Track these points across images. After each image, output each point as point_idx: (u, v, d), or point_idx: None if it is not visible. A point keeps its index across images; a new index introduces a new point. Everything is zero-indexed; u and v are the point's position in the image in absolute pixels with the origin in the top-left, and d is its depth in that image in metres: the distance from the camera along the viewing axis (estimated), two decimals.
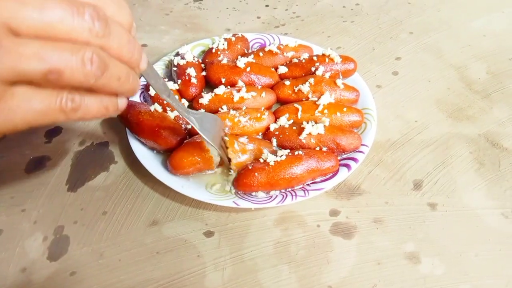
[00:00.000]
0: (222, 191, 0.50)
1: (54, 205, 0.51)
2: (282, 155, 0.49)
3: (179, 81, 0.60)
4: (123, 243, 0.47)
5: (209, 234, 0.48)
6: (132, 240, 0.48)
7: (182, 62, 0.61)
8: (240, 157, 0.50)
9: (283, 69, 0.63)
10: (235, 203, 0.48)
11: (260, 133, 0.56)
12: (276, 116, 0.57)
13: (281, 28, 0.81)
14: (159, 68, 0.65)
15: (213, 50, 0.65)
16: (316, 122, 0.55)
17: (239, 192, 0.49)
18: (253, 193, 0.48)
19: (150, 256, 0.46)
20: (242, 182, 0.47)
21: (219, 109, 0.57)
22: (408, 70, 0.71)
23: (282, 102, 0.61)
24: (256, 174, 0.47)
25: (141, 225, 0.49)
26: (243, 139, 0.51)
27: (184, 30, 0.79)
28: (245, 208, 0.50)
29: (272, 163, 0.48)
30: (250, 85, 0.60)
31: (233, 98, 0.57)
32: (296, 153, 0.49)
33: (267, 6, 0.87)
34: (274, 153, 0.50)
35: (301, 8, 0.86)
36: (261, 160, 0.49)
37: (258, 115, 0.55)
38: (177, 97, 0.55)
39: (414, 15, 0.83)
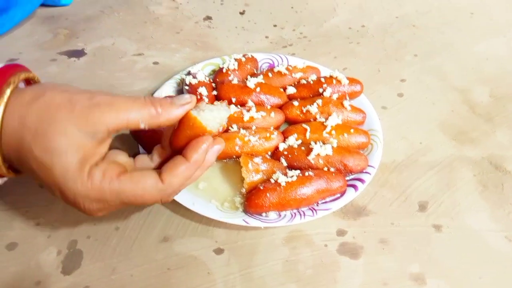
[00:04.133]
0: (232, 208, 0.52)
1: (67, 219, 0.52)
2: (293, 176, 0.50)
3: None
4: (135, 259, 0.48)
5: (219, 251, 0.49)
6: (144, 256, 0.49)
7: (194, 81, 0.63)
8: (253, 176, 0.51)
9: (291, 90, 0.65)
10: (245, 221, 0.49)
11: (269, 152, 0.57)
12: (285, 136, 0.58)
13: (289, 48, 0.83)
14: (171, 86, 0.67)
15: (224, 70, 0.66)
16: (324, 143, 0.56)
17: (249, 211, 0.50)
18: (264, 214, 0.50)
19: (161, 273, 0.47)
20: (254, 202, 0.48)
21: (229, 128, 0.59)
22: (412, 92, 0.73)
23: (290, 122, 0.62)
24: (267, 194, 0.48)
25: (152, 241, 0.50)
26: (257, 160, 0.53)
27: (194, 48, 0.81)
28: (255, 226, 0.51)
29: (283, 183, 0.49)
30: (259, 105, 0.62)
31: (243, 117, 0.59)
32: (306, 173, 0.51)
33: (275, 26, 0.89)
34: (286, 174, 0.52)
35: (308, 29, 0.88)
36: (272, 181, 0.50)
37: (268, 134, 0.57)
38: None
39: (419, 38, 0.85)
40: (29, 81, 0.41)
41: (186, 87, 0.64)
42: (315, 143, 0.56)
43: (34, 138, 0.34)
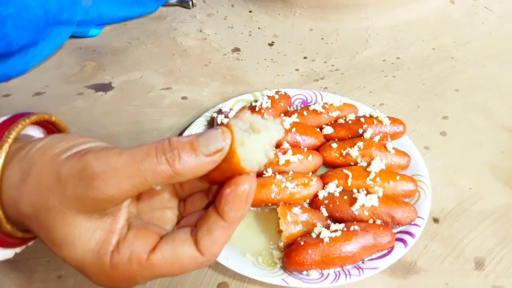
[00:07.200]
0: (269, 264, 0.47)
1: None
2: (337, 230, 0.46)
3: None
4: None
5: None
6: None
7: (225, 121, 0.60)
8: (292, 229, 0.47)
9: (328, 130, 0.61)
10: (285, 281, 0.44)
11: (308, 200, 0.53)
12: (324, 182, 0.54)
13: (321, 81, 0.79)
14: (201, 124, 0.64)
15: (257, 108, 0.63)
16: (367, 191, 0.52)
17: (289, 269, 0.45)
18: (304, 272, 0.45)
19: None
20: (294, 260, 0.44)
21: (264, 172, 0.55)
22: (457, 131, 0.68)
23: (328, 165, 0.58)
24: (309, 251, 0.44)
25: None
26: (296, 210, 0.48)
27: (223, 82, 0.78)
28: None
29: (326, 239, 0.44)
30: (294, 146, 0.58)
31: (278, 160, 0.55)
32: (351, 228, 0.46)
33: (305, 58, 0.86)
34: (328, 227, 0.47)
35: (340, 61, 0.85)
36: (314, 235, 0.46)
37: (306, 181, 0.52)
38: None
39: (459, 71, 0.81)
40: (44, 123, 0.36)
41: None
42: (358, 191, 0.52)
43: (38, 229, 0.30)
